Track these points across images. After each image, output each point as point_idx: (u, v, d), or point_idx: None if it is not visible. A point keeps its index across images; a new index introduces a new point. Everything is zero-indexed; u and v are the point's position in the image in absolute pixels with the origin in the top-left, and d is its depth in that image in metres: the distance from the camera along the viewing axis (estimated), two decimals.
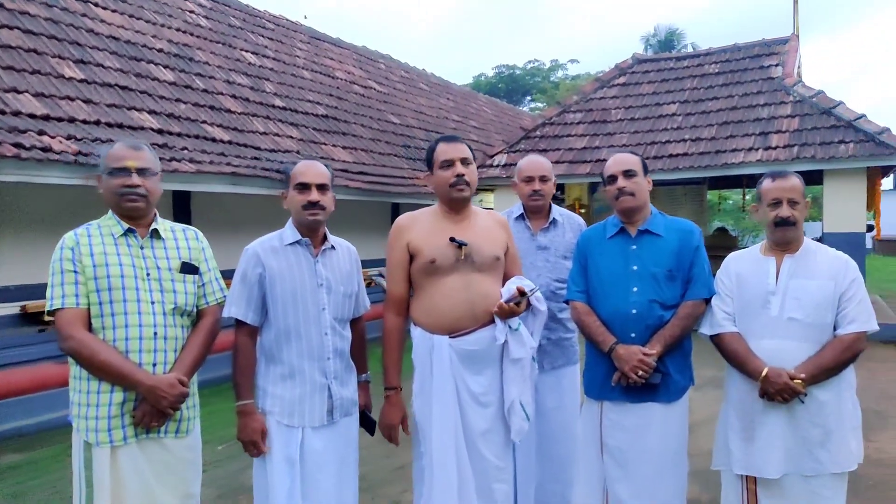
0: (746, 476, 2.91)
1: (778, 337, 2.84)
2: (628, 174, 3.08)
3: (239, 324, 2.87)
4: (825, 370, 2.76)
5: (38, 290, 6.83)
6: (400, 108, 14.92)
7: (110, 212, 2.73)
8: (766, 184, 2.94)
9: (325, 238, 2.98)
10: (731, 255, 3.11)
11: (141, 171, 2.69)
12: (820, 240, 3.02)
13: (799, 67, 12.34)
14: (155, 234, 2.77)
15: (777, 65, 11.75)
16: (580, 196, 12.62)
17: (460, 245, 2.92)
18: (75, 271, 2.59)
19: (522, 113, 26.25)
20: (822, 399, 2.79)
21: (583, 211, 11.93)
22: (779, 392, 2.75)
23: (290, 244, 2.90)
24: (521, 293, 2.86)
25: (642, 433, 3.01)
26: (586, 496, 3.19)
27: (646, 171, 3.16)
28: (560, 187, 11.87)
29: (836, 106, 10.15)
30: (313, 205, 2.85)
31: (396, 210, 12.18)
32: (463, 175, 2.96)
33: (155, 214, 2.81)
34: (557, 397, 3.56)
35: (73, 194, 6.98)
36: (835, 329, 2.82)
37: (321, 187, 2.89)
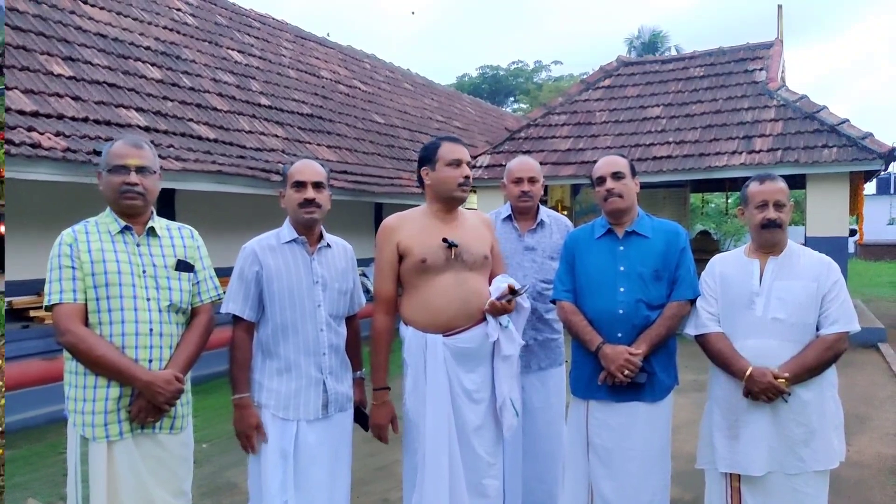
0: (730, 474, 2.94)
1: (762, 337, 2.88)
2: (617, 176, 3.12)
3: (236, 320, 2.91)
4: (808, 369, 2.81)
5: (25, 287, 6.79)
6: (384, 108, 14.92)
7: (108, 209, 2.75)
8: (753, 186, 2.99)
9: (321, 236, 3.02)
10: (716, 257, 3.15)
11: (140, 170, 2.71)
12: (804, 244, 3.08)
13: (783, 72, 12.44)
14: (151, 231, 2.79)
15: (761, 69, 11.85)
16: (562, 198, 12.67)
17: (451, 246, 2.96)
18: (73, 267, 2.61)
19: (506, 114, 26.29)
20: (805, 398, 2.83)
21: (565, 212, 11.97)
22: (763, 391, 2.79)
23: (286, 242, 2.94)
24: (512, 291, 2.91)
25: (627, 432, 3.04)
26: (572, 494, 3.22)
27: (633, 173, 3.21)
28: (544, 189, 11.89)
29: (820, 111, 10.26)
30: (309, 203, 2.90)
31: (380, 210, 12.19)
32: (469, 177, 3.05)
33: (152, 212, 2.82)
34: (543, 398, 3.60)
35: (61, 191, 6.95)
36: (817, 329, 2.87)
37: (317, 185, 2.93)
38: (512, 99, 41.58)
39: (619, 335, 3.04)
